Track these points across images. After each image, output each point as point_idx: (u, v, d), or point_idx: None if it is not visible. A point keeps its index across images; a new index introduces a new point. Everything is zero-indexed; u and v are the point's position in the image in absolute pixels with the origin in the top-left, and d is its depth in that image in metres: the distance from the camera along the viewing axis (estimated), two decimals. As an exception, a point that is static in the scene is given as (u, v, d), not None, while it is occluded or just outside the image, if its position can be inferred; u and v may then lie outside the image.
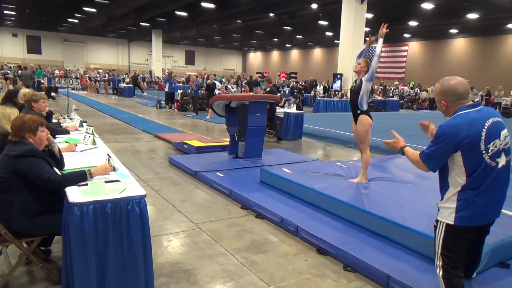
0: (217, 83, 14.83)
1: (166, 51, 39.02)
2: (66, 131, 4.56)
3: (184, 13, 24.90)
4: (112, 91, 23.12)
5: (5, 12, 28.08)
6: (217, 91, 13.90)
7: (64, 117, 5.83)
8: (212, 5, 21.66)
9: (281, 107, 10.69)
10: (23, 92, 4.66)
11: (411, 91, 25.37)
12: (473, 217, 2.16)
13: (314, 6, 19.67)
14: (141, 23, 29.15)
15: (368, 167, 4.87)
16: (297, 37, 32.91)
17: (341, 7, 16.14)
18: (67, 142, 3.88)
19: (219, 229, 3.91)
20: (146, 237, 2.41)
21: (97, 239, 2.28)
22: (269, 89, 9.63)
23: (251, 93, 11.26)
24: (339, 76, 17.86)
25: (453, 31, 25.39)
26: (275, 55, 45.54)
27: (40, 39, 38.10)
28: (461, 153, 2.10)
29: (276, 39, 36.25)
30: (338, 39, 17.24)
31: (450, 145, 2.11)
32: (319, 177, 4.90)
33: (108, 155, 3.06)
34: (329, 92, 20.11)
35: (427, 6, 19.11)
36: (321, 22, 24.67)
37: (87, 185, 2.52)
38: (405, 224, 3.42)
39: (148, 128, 10.43)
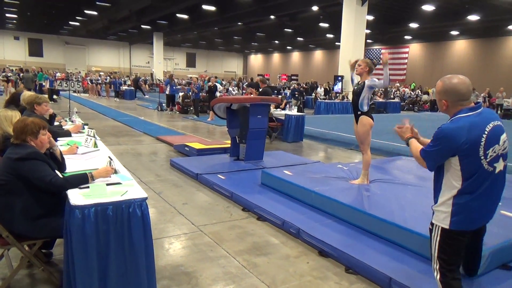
0: (218, 85, 14.85)
1: (167, 53, 39.12)
2: (68, 134, 4.56)
3: (185, 16, 25.02)
4: (113, 93, 23.17)
5: (7, 15, 28.18)
6: (218, 94, 13.92)
7: (65, 120, 5.84)
8: (213, 8, 21.71)
9: (282, 109, 10.70)
10: (26, 94, 4.67)
11: (412, 93, 25.39)
12: (468, 221, 2.14)
13: (315, 8, 19.69)
14: (142, 26, 29.20)
15: (369, 168, 4.87)
16: (298, 39, 32.94)
17: (342, 9, 16.16)
18: (68, 144, 3.89)
19: (221, 232, 3.91)
20: (148, 240, 2.41)
21: (99, 241, 2.28)
22: (262, 89, 9.49)
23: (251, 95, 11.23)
24: (340, 78, 17.88)
25: (454, 32, 25.38)
26: (276, 57, 45.55)
27: (41, 42, 38.16)
28: (458, 158, 2.07)
29: (277, 41, 36.31)
30: (339, 41, 17.24)
31: (448, 149, 2.08)
32: (320, 179, 4.91)
33: (109, 157, 3.07)
34: (330, 94, 20.13)
35: (428, 8, 19.13)
36: (322, 24, 24.70)
37: (88, 187, 2.52)
38: (406, 226, 3.42)
39: (149, 130, 10.45)
